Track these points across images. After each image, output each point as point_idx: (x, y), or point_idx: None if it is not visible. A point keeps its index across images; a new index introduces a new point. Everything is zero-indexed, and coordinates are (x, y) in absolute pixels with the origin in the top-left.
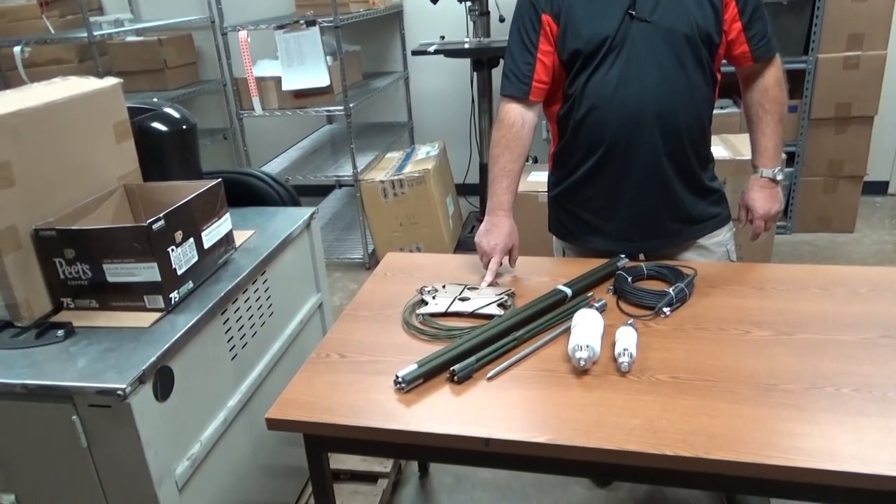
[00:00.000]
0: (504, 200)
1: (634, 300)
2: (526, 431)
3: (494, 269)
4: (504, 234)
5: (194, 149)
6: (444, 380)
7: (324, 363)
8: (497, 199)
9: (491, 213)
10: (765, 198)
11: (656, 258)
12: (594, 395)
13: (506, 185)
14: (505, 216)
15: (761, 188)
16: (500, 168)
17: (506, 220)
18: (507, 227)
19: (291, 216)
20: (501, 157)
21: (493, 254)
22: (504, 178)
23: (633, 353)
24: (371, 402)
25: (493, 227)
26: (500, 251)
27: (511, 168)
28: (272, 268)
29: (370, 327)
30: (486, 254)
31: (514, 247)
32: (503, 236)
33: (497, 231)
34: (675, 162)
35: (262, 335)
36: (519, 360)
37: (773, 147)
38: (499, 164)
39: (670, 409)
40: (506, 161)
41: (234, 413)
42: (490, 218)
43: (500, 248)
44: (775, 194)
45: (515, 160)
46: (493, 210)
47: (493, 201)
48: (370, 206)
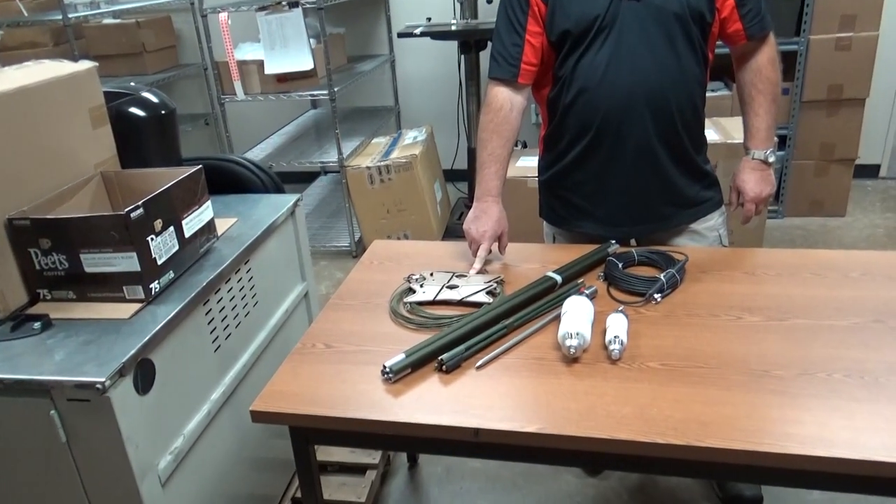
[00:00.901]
0: (492, 186)
1: (625, 286)
2: (516, 421)
3: (483, 257)
4: (493, 220)
5: (174, 134)
6: (433, 369)
7: (309, 354)
8: (485, 186)
9: (479, 200)
10: (756, 180)
11: (648, 243)
12: (584, 384)
13: (494, 170)
14: (494, 202)
15: (752, 170)
16: (488, 153)
17: (495, 207)
18: (496, 214)
19: (275, 203)
20: (489, 142)
21: (481, 241)
22: (492, 164)
23: (623, 341)
24: (358, 392)
25: (482, 214)
26: (489, 238)
27: (499, 153)
28: (256, 256)
29: (357, 316)
30: (475, 241)
31: (504, 233)
32: (492, 223)
33: (486, 217)
34: (667, 144)
35: (245, 326)
36: (508, 349)
37: (765, 128)
38: (486, 149)
39: (661, 397)
40: (494, 146)
41: (217, 406)
42: (478, 204)
43: (489, 234)
44: (767, 177)
45: (504, 145)
46: (482, 196)
47: (482, 187)
48: (356, 193)
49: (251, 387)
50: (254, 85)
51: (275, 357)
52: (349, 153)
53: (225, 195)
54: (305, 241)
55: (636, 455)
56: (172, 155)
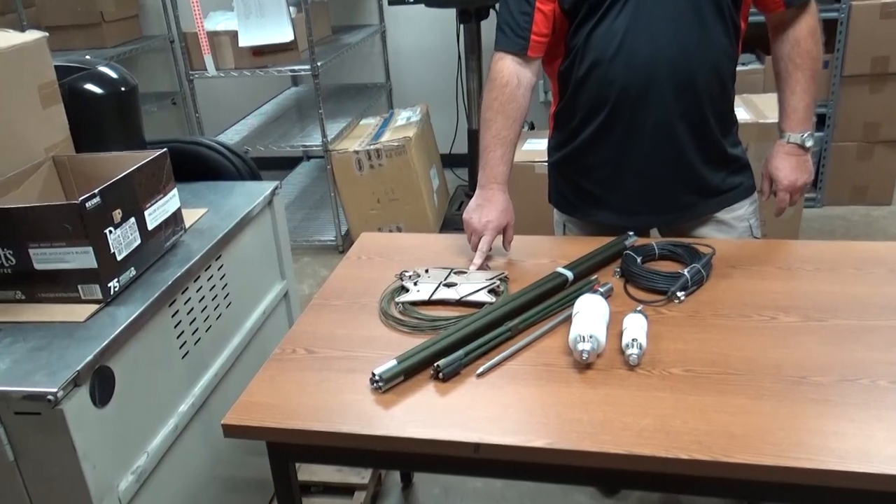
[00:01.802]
0: (498, 172)
1: (644, 283)
2: (521, 434)
3: (486, 250)
4: (498, 209)
5: (135, 114)
6: (428, 377)
7: (289, 360)
8: (490, 171)
9: (483, 187)
10: (791, 167)
11: (670, 234)
12: (599, 393)
13: (500, 154)
14: (499, 190)
15: (787, 155)
16: (493, 135)
17: (500, 195)
18: (502, 203)
19: (251, 192)
20: (494, 123)
21: (483, 232)
22: (497, 147)
23: (642, 344)
24: (344, 403)
25: (486, 202)
26: (493, 229)
27: (505, 135)
28: (229, 252)
29: (342, 319)
30: (476, 232)
31: (509, 225)
32: (496, 212)
33: (490, 206)
34: (690, 126)
35: (217, 329)
36: (513, 354)
37: (802, 108)
38: (491, 130)
39: (685, 407)
40: (499, 127)
41: (186, 419)
42: (482, 192)
43: (492, 225)
44: (803, 163)
45: (510, 126)
46: (486, 183)
47: (486, 173)
48: (343, 181)
49: (224, 398)
50: (227, 59)
51: (250, 364)
52: (334, 136)
53: (194, 182)
54: (285, 235)
55: (657, 472)
56: (134, 137)
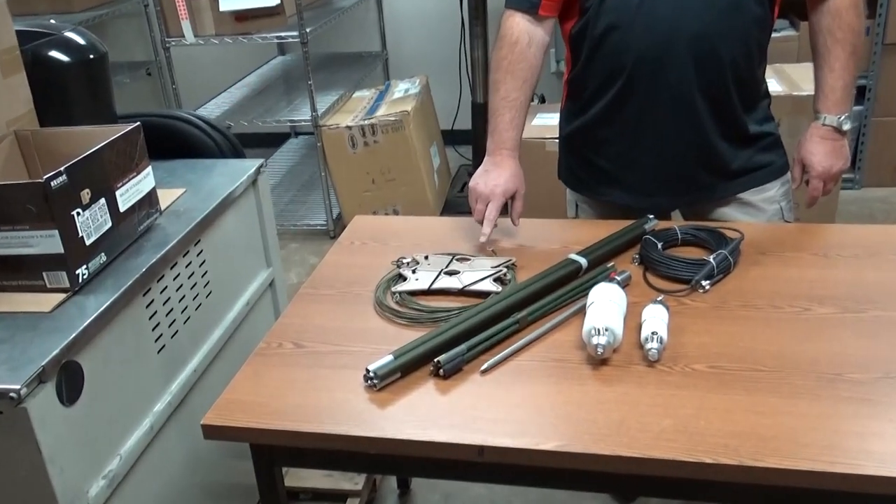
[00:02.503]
0: (507, 138)
1: (665, 271)
2: (530, 436)
3: (494, 218)
4: (507, 174)
5: (106, 85)
6: (428, 374)
7: (276, 355)
8: (499, 137)
9: (491, 153)
10: (825, 152)
11: (692, 217)
12: (615, 391)
13: (509, 118)
14: (508, 156)
15: (822, 139)
16: (502, 97)
17: (509, 161)
18: (511, 168)
19: (233, 171)
20: (503, 84)
21: (490, 197)
22: (506, 110)
23: (663, 338)
24: (335, 402)
25: (493, 167)
26: (501, 194)
27: (515, 97)
28: (209, 236)
29: (334, 310)
30: (482, 197)
31: (518, 194)
32: (505, 177)
33: (498, 171)
34: (711, 100)
35: (196, 321)
36: (521, 349)
37: (841, 87)
38: (499, 92)
39: (710, 407)
40: (508, 88)
41: (162, 419)
42: (490, 158)
43: (500, 190)
44: (839, 148)
45: (520, 87)
46: (495, 149)
47: (494, 139)
48: (334, 159)
49: (204, 396)
50: (206, 25)
51: (233, 359)
52: (325, 110)
53: (170, 160)
54: (271, 218)
55: (678, 478)
56: (104, 110)
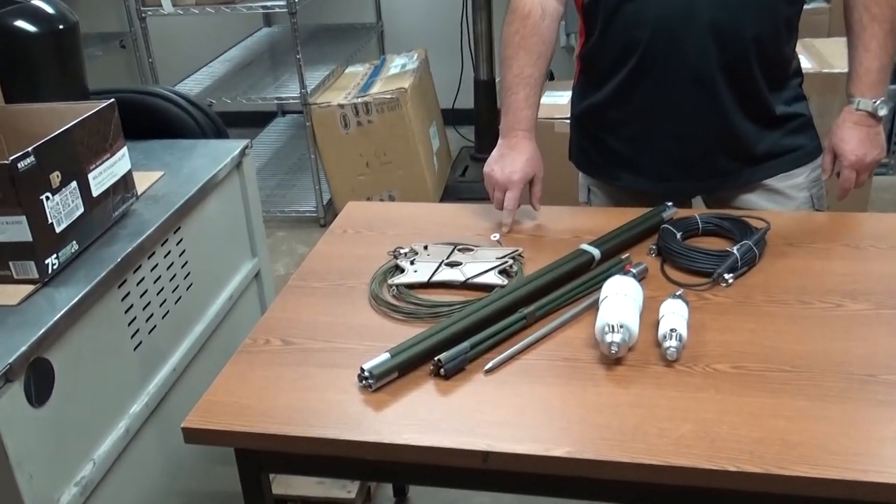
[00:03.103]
0: (522, 118)
1: (685, 264)
2: (538, 442)
3: (514, 208)
4: (523, 158)
5: (76, 58)
6: (427, 374)
7: (262, 353)
8: (513, 117)
9: (506, 135)
10: (859, 139)
11: (714, 204)
12: (630, 393)
13: (523, 96)
14: (524, 137)
15: (855, 125)
16: (515, 74)
17: (525, 142)
18: (527, 151)
19: (215, 152)
20: (515, 60)
21: (508, 185)
22: (521, 87)
23: (682, 336)
24: (327, 404)
25: (509, 151)
26: (519, 181)
27: (529, 73)
28: (189, 223)
29: (325, 304)
30: (499, 185)
31: (537, 177)
32: (522, 161)
33: (514, 155)
34: (733, 79)
35: (176, 315)
36: (528, 347)
37: (877, 69)
38: (512, 69)
39: (733, 410)
40: (521, 64)
41: (139, 422)
42: (504, 140)
43: (518, 176)
44: (874, 136)
45: (534, 63)
46: (509, 130)
47: (508, 119)
48: (325, 140)
49: (184, 396)
50: None
51: (216, 357)
52: (315, 86)
53: (147, 141)
54: (257, 204)
55: (698, 487)
56: (75, 85)
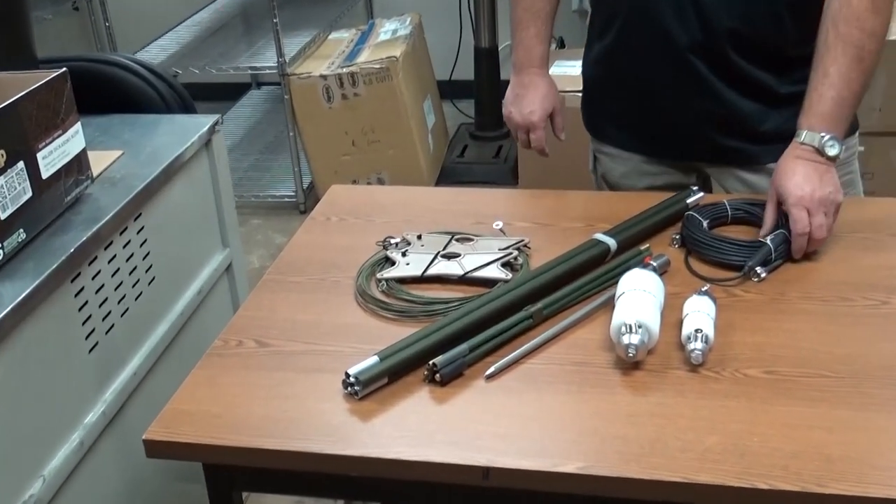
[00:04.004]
0: (535, 54)
1: (713, 255)
2: (545, 457)
3: (543, 145)
4: (539, 95)
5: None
6: (421, 380)
7: (234, 356)
8: (524, 53)
9: (518, 72)
10: (805, 174)
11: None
12: (649, 401)
13: (534, 31)
14: (537, 73)
15: (798, 159)
16: (524, 8)
17: (539, 79)
18: (543, 87)
19: (181, 129)
20: None
21: (529, 126)
22: (530, 23)
23: (709, 337)
24: (307, 414)
25: (523, 90)
26: (540, 121)
27: (539, 7)
28: (152, 209)
29: (305, 300)
30: (521, 127)
31: (556, 111)
32: (539, 99)
33: (529, 94)
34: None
35: (137, 313)
36: (535, 349)
37: (832, 98)
38: (521, 2)
39: (765, 421)
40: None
41: (95, 433)
42: (517, 78)
43: (537, 116)
44: (824, 172)
45: None
46: (521, 67)
47: (520, 56)
48: (306, 116)
49: (146, 405)
50: None
51: (182, 361)
52: (295, 55)
53: (104, 115)
54: (229, 188)
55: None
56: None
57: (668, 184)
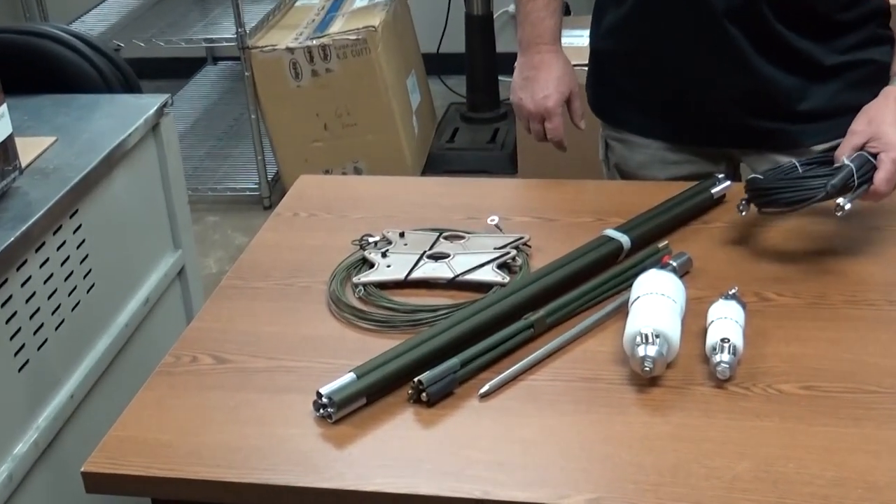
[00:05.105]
0: (544, 28)
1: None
2: (548, 487)
3: (561, 136)
4: (553, 76)
5: None
6: (405, 400)
7: (188, 374)
8: (532, 29)
9: (526, 51)
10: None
11: None
12: (670, 422)
13: (543, 3)
14: (549, 51)
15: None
16: None
17: (552, 56)
18: (557, 67)
19: (124, 111)
20: None
21: (545, 115)
22: None
23: (737, 348)
24: (274, 440)
25: (534, 72)
26: (555, 106)
27: None
28: (90, 205)
29: (270, 309)
30: (533, 116)
31: (573, 94)
32: (553, 81)
33: (542, 76)
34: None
35: (74, 326)
36: (537, 364)
37: None
38: None
39: (802, 444)
40: None
41: (26, 465)
42: (526, 59)
43: (552, 102)
44: None
45: None
46: (530, 45)
47: (527, 32)
48: (270, 96)
49: (85, 432)
50: None
51: (126, 380)
52: (256, 24)
53: (35, 96)
54: (181, 180)
55: None
56: None
57: (694, 174)
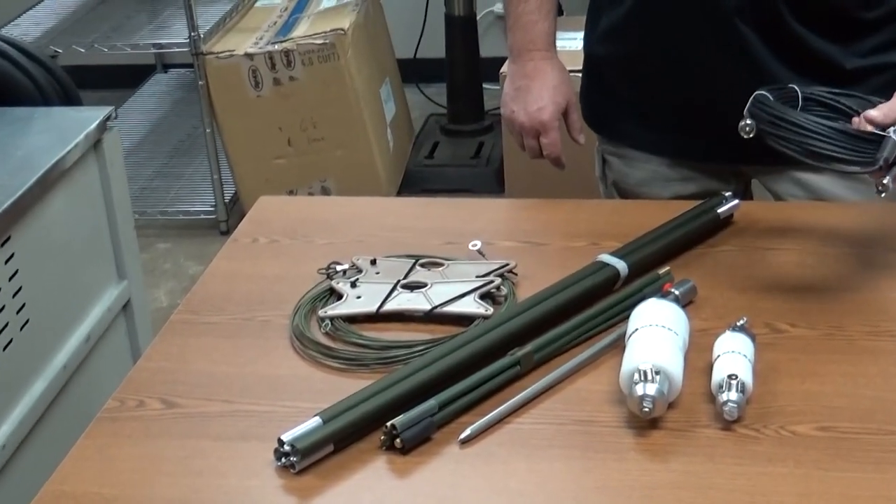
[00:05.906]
0: (537, 33)
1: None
2: None
3: (559, 152)
4: (548, 86)
5: None
6: (376, 447)
7: (133, 419)
8: (523, 34)
9: (518, 59)
10: None
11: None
12: (672, 469)
13: (535, 4)
14: (543, 58)
15: None
16: None
17: (546, 64)
18: (552, 76)
19: (62, 125)
20: None
21: (540, 129)
22: None
23: (746, 385)
24: (230, 493)
25: (527, 81)
26: (551, 119)
27: None
28: (23, 231)
29: (226, 347)
30: (527, 130)
31: (571, 105)
32: (548, 91)
33: (536, 85)
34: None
35: (5, 367)
36: (524, 405)
37: None
38: None
39: (819, 492)
40: None
41: None
42: (517, 67)
43: (548, 115)
44: None
45: None
46: (521, 52)
47: (518, 37)
48: (227, 108)
49: (17, 486)
50: None
51: (63, 428)
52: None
53: None
54: (126, 203)
55: None
56: None
57: (699, 192)
